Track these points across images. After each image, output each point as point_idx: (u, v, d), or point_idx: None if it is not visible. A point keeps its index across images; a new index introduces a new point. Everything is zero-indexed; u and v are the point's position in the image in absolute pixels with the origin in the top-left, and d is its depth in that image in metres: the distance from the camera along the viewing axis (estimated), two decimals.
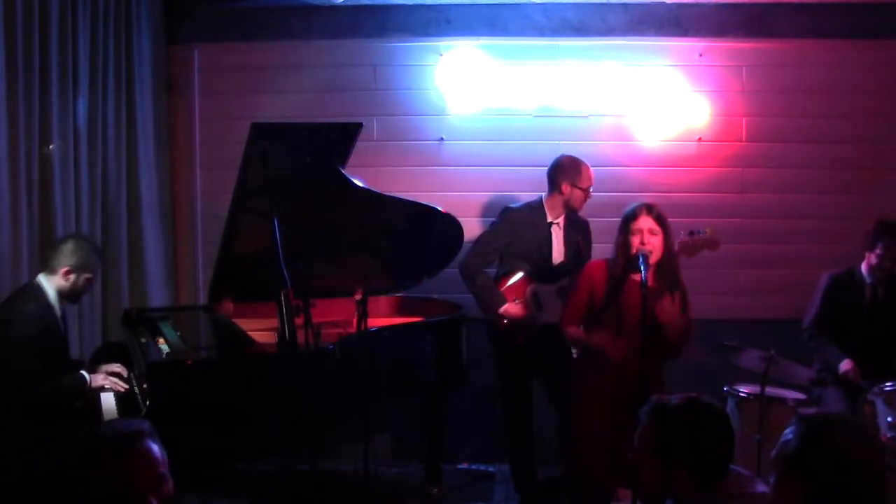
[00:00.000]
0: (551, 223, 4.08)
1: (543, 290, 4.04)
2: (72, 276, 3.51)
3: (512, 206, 4.23)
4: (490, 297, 4.02)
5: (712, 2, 4.70)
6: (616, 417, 3.24)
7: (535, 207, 4.10)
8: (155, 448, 1.78)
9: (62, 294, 3.53)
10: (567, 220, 4.11)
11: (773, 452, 1.71)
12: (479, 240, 4.20)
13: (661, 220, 3.32)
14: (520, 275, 4.05)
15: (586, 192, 4.03)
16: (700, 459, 1.97)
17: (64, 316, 3.63)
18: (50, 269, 3.52)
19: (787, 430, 1.70)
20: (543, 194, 4.11)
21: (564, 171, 4.02)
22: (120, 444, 1.74)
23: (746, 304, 4.74)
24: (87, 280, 3.57)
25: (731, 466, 2.05)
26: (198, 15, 4.84)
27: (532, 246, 4.06)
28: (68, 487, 1.74)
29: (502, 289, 4.05)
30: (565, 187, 4.00)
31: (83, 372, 3.48)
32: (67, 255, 3.50)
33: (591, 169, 4.06)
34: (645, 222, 3.29)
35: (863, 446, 1.65)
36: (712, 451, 2.00)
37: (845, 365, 3.95)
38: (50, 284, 3.50)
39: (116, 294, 4.51)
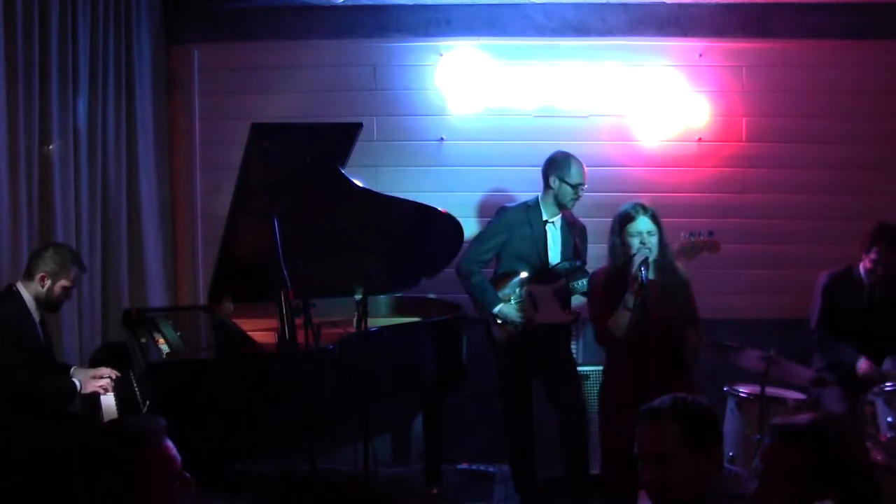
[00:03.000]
0: (546, 221, 4.08)
1: (540, 291, 4.03)
2: (47, 283, 3.51)
3: (508, 205, 4.23)
4: (485, 298, 4.02)
5: (712, 2, 4.70)
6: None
7: (531, 206, 4.10)
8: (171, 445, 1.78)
9: (39, 301, 3.54)
10: (563, 219, 4.11)
11: (755, 462, 1.72)
12: (475, 240, 4.20)
13: (656, 219, 3.32)
14: (523, 275, 4.05)
15: (575, 188, 4.00)
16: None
17: (43, 322, 3.62)
18: (28, 276, 3.53)
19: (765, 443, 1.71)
20: (539, 193, 4.12)
21: (553, 165, 4.02)
22: (147, 439, 1.73)
23: (746, 304, 4.74)
24: (64, 288, 3.56)
25: (731, 467, 2.06)
26: (198, 15, 4.84)
27: (528, 245, 4.06)
28: (74, 483, 1.73)
29: (498, 289, 4.06)
30: (553, 181, 4.00)
31: (74, 379, 3.48)
32: (46, 261, 3.52)
33: (585, 167, 4.03)
34: (644, 224, 3.29)
35: (854, 443, 1.66)
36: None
37: (863, 365, 3.94)
38: (27, 291, 3.52)
39: (116, 294, 4.51)
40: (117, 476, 1.68)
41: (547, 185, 4.04)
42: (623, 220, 3.33)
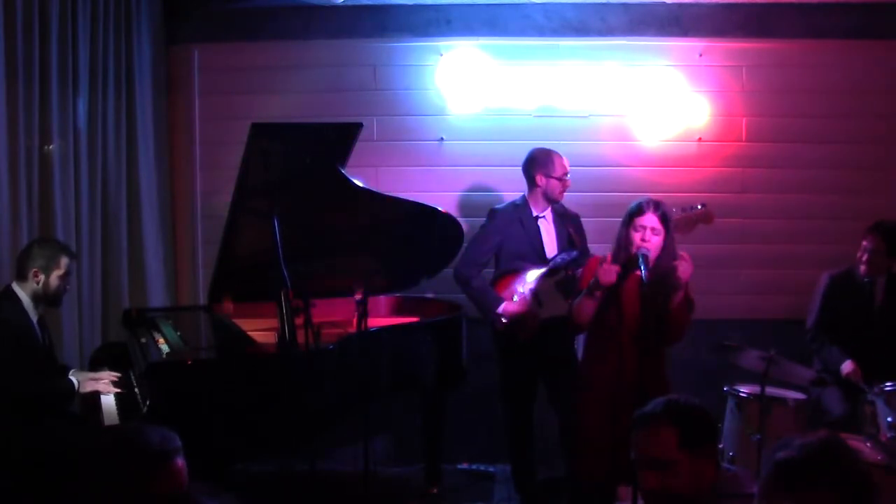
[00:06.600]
0: (537, 217, 4.10)
1: (542, 286, 4.03)
2: (41, 276, 3.51)
3: (497, 206, 4.25)
4: (486, 300, 4.02)
5: (712, 2, 4.70)
6: (616, 417, 3.24)
7: (520, 205, 4.13)
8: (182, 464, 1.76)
9: (37, 298, 3.53)
10: (554, 213, 4.13)
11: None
12: (470, 244, 4.21)
13: (664, 220, 3.30)
14: (537, 272, 4.05)
15: (561, 180, 4.05)
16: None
17: (43, 321, 3.62)
18: (21, 276, 3.52)
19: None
20: (525, 192, 4.12)
21: (536, 163, 4.06)
22: (158, 460, 1.71)
23: (746, 304, 4.74)
24: (60, 278, 3.56)
25: (730, 467, 2.05)
26: (198, 15, 4.84)
27: (523, 243, 4.07)
28: (77, 487, 1.72)
29: (499, 289, 4.06)
30: (540, 179, 4.04)
31: (72, 377, 3.48)
32: (34, 257, 3.51)
33: (565, 158, 4.07)
34: (649, 220, 3.26)
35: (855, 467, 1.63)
36: None
37: (847, 367, 3.96)
38: (23, 290, 3.51)
39: (116, 294, 4.51)
40: (125, 492, 1.67)
41: (533, 183, 4.07)
42: (631, 213, 3.32)
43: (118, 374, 3.58)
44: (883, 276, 4.11)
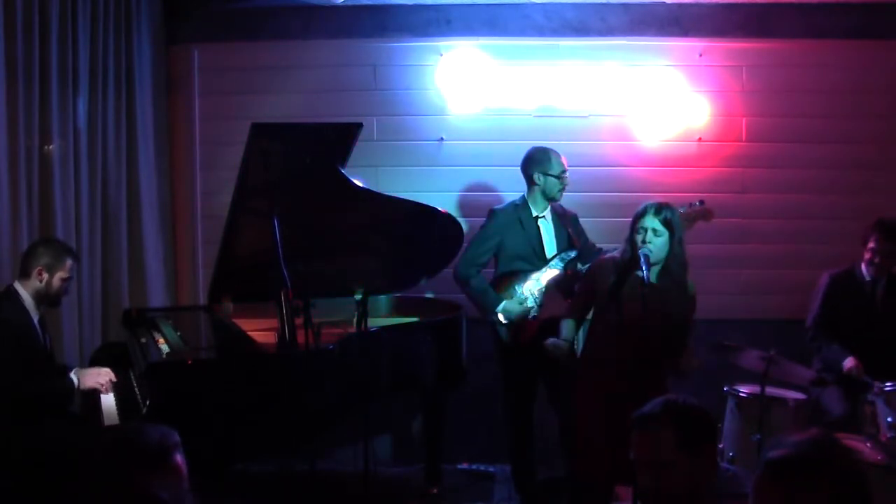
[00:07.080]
0: (537, 217, 4.10)
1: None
2: (45, 276, 3.51)
3: (497, 206, 4.25)
4: (486, 300, 4.03)
5: (712, 2, 4.70)
6: (616, 416, 3.23)
7: (519, 205, 4.13)
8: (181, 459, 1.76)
9: (39, 297, 3.53)
10: (553, 212, 4.13)
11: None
12: (470, 244, 4.21)
13: (667, 222, 3.31)
14: (555, 272, 4.05)
15: (559, 178, 4.04)
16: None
17: (43, 321, 3.62)
18: (24, 274, 3.53)
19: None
20: (524, 192, 4.13)
21: (534, 162, 4.07)
22: (158, 458, 1.71)
23: (746, 304, 4.74)
24: (63, 280, 3.56)
25: (730, 467, 2.05)
26: (198, 15, 4.84)
27: (523, 243, 4.07)
28: (76, 487, 1.72)
29: (499, 289, 4.06)
30: (537, 178, 4.05)
31: (72, 376, 3.48)
32: (39, 255, 3.52)
33: (563, 156, 4.07)
34: (650, 222, 3.29)
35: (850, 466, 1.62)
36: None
37: (849, 362, 3.96)
38: (25, 289, 3.51)
39: (116, 294, 4.51)
40: (125, 492, 1.67)
41: (531, 182, 4.08)
42: (634, 216, 3.36)
43: (115, 379, 3.58)
44: (884, 276, 4.11)
